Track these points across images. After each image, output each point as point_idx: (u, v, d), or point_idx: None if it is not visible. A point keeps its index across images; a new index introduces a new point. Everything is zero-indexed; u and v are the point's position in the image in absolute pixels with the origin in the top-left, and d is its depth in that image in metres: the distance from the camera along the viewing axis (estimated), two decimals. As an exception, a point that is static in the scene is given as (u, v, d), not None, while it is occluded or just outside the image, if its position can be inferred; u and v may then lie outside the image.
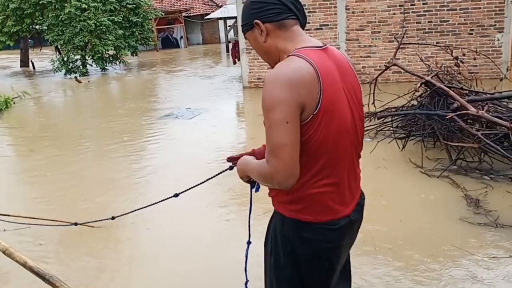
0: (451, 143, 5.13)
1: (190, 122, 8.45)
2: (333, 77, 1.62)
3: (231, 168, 2.08)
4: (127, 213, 3.77)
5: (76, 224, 3.93)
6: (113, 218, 3.69)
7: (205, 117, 8.80)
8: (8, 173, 6.24)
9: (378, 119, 6.39)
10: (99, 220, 3.94)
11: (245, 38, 1.81)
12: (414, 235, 3.71)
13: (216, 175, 2.37)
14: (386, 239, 3.61)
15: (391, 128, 6.19)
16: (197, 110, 9.32)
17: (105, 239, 4.00)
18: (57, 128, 9.01)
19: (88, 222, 4.06)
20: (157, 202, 3.13)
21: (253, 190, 1.96)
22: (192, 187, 2.67)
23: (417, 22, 10.72)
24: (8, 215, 4.18)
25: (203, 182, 2.54)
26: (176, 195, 2.76)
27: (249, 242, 2.07)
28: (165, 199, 2.93)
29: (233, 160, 1.99)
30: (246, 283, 2.15)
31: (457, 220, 3.90)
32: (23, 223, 4.16)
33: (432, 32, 10.66)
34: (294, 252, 1.74)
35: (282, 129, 1.53)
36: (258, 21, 1.68)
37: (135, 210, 3.66)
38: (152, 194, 4.82)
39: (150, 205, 3.30)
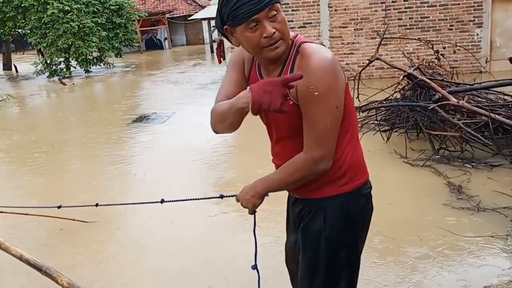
0: (434, 132, 5.29)
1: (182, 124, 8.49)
2: None
3: (221, 196, 2.04)
4: (111, 204, 3.78)
5: (59, 207, 3.79)
6: (97, 205, 3.56)
7: (188, 118, 8.85)
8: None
9: (362, 112, 6.53)
10: (82, 206, 3.87)
11: (272, 9, 1.55)
12: (400, 219, 3.87)
13: (206, 198, 2.42)
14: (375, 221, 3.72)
15: (376, 121, 6.34)
16: (169, 112, 9.29)
17: (94, 234, 4.06)
18: (39, 131, 8.89)
19: (72, 206, 3.95)
20: (142, 203, 3.07)
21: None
22: (178, 200, 2.49)
23: (398, 19, 10.93)
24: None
25: (189, 200, 2.43)
26: (162, 202, 2.51)
27: (255, 266, 1.97)
28: (151, 202, 2.71)
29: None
30: None
31: (440, 205, 4.05)
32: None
33: (413, 28, 10.87)
34: (356, 227, 1.80)
35: (332, 115, 1.59)
36: None
37: (120, 204, 3.71)
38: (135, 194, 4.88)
39: (135, 203, 3.27)
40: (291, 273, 2.08)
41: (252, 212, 1.82)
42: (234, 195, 1.87)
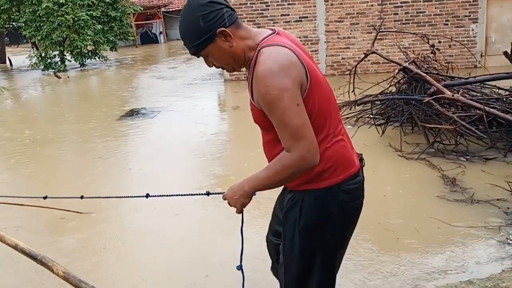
0: (428, 125, 5.31)
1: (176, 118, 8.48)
2: (300, 51, 1.72)
3: (207, 194, 2.09)
4: (96, 197, 3.78)
5: (45, 197, 3.75)
6: (82, 197, 3.50)
7: (188, 112, 8.84)
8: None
9: (357, 105, 6.54)
10: (68, 197, 3.81)
11: (202, 56, 1.76)
12: (396, 210, 3.89)
13: (192, 194, 2.30)
14: (373, 213, 3.75)
15: (371, 115, 6.35)
16: (160, 107, 9.27)
17: (95, 225, 4.07)
18: (31, 124, 8.82)
19: (57, 197, 3.86)
20: (129, 196, 2.98)
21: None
22: (164, 195, 2.53)
23: (394, 14, 10.93)
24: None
25: (176, 195, 2.43)
26: (147, 196, 2.50)
27: (240, 267, 2.03)
28: (136, 196, 2.71)
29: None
30: None
31: (434, 197, 4.08)
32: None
33: (409, 23, 10.88)
34: (332, 223, 1.80)
35: (296, 112, 1.61)
36: (222, 28, 1.67)
37: (105, 197, 3.68)
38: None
39: (120, 197, 3.22)
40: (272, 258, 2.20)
41: (240, 211, 1.85)
42: (222, 193, 1.87)
